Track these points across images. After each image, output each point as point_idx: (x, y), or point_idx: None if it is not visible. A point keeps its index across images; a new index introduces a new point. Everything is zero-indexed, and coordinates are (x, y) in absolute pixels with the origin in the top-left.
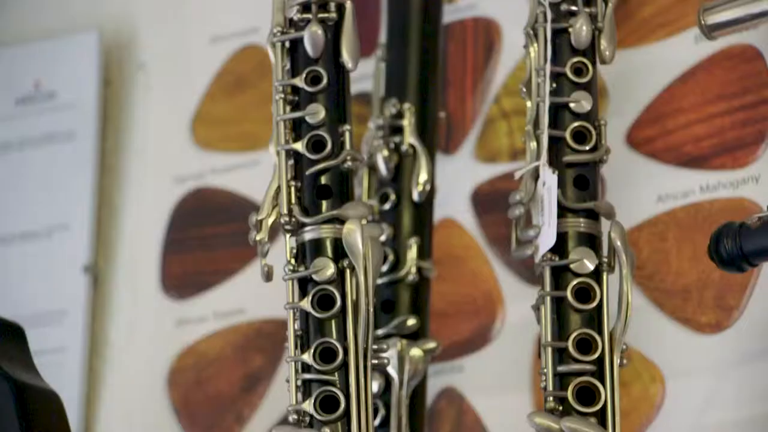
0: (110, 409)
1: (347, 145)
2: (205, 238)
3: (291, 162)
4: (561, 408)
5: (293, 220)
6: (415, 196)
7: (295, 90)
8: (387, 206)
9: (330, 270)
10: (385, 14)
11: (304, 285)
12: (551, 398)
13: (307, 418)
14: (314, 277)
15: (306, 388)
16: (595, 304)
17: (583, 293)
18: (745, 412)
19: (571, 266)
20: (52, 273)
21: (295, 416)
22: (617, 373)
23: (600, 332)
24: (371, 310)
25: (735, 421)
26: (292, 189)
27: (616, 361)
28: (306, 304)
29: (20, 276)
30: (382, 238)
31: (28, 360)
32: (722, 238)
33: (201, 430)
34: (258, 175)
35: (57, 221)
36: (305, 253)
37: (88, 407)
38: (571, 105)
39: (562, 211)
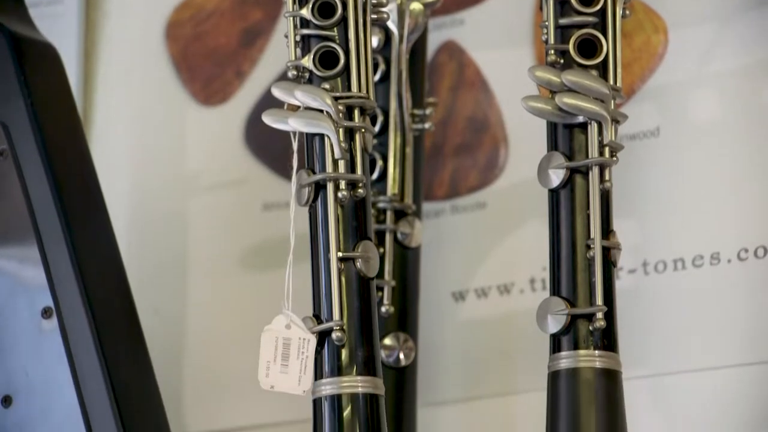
0: (109, 63)
1: None
2: None
3: None
4: (562, 61)
5: None
6: None
7: None
8: None
9: None
10: None
11: None
12: (552, 51)
13: (307, 74)
14: None
15: (305, 43)
16: None
17: None
18: (748, 59)
19: None
20: None
21: (295, 72)
22: (619, 24)
23: None
24: None
25: (737, 68)
26: None
27: (619, 12)
28: None
29: None
30: None
31: (23, 11)
32: None
33: (200, 84)
34: None
35: None
36: None
37: (86, 61)
38: None
39: None
